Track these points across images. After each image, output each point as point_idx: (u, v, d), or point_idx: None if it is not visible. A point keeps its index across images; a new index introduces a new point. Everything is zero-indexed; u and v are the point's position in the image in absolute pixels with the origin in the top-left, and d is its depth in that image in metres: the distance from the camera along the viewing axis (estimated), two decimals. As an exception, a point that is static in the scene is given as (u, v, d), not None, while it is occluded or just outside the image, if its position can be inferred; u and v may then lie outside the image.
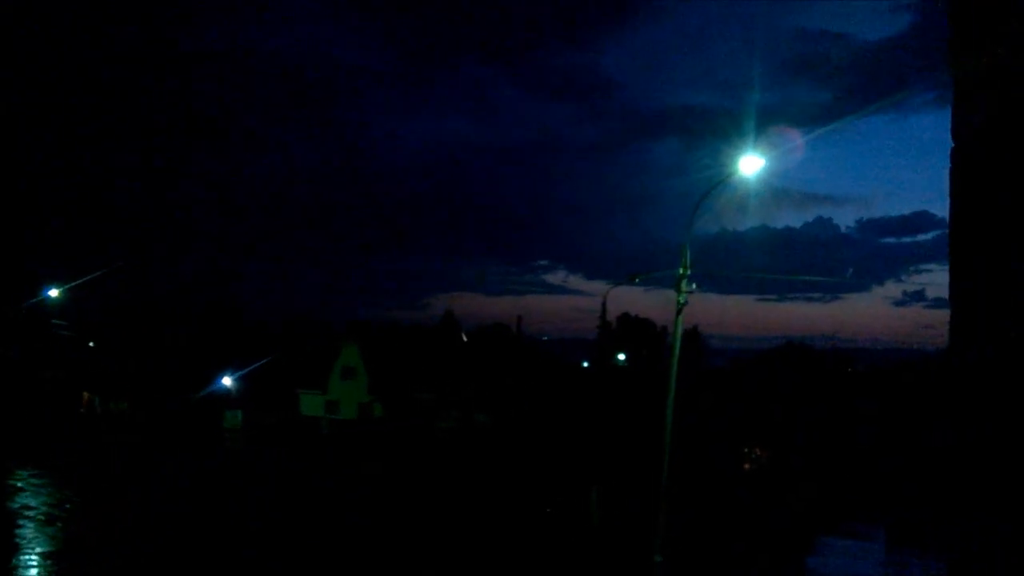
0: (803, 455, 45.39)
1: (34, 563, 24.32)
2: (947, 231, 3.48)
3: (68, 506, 32.73)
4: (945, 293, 3.55)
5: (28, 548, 25.84)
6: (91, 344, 73.04)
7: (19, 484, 36.35)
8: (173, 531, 28.46)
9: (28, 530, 28.13)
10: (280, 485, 38.98)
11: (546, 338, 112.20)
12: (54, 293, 42.74)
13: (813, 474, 41.95)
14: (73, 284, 43.97)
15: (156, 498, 34.57)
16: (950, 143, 3.49)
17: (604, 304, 58.37)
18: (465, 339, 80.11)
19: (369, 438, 55.38)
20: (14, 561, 24.41)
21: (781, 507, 35.19)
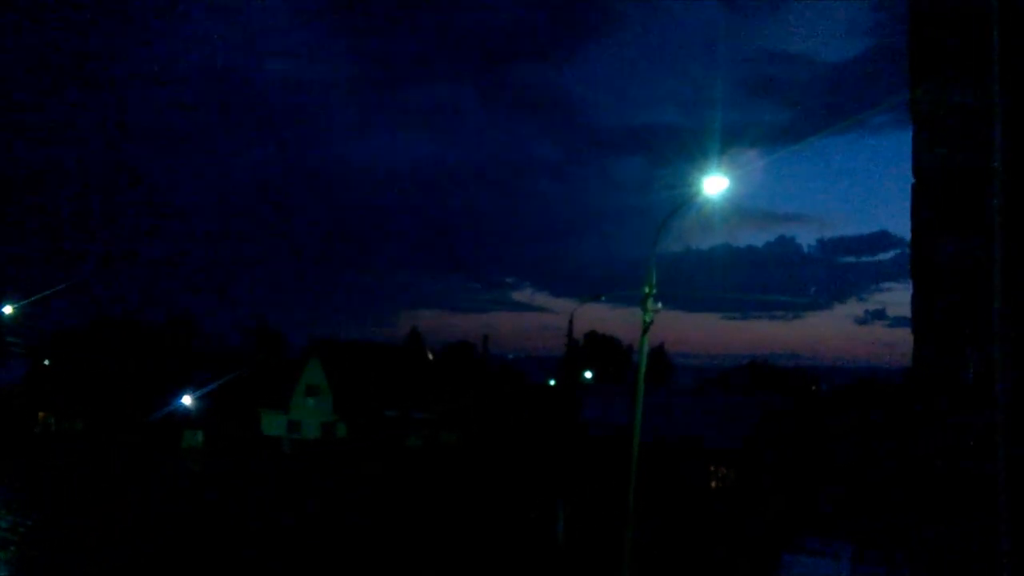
0: (771, 472, 45.66)
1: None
2: (906, 250, 3.53)
3: (22, 529, 31.87)
4: (906, 312, 3.60)
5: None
6: (46, 362, 71.43)
7: (-30, 507, 35.32)
8: (132, 550, 27.88)
9: (-22, 555, 27.31)
10: (237, 510, 38.29)
11: (512, 356, 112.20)
12: (8, 310, 41.80)
13: (781, 490, 42.24)
14: (27, 301, 43.08)
15: (112, 518, 33.79)
16: (908, 163, 3.53)
17: (571, 322, 58.76)
18: (431, 357, 79.78)
19: (332, 458, 54.71)
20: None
21: (750, 519, 35.45)
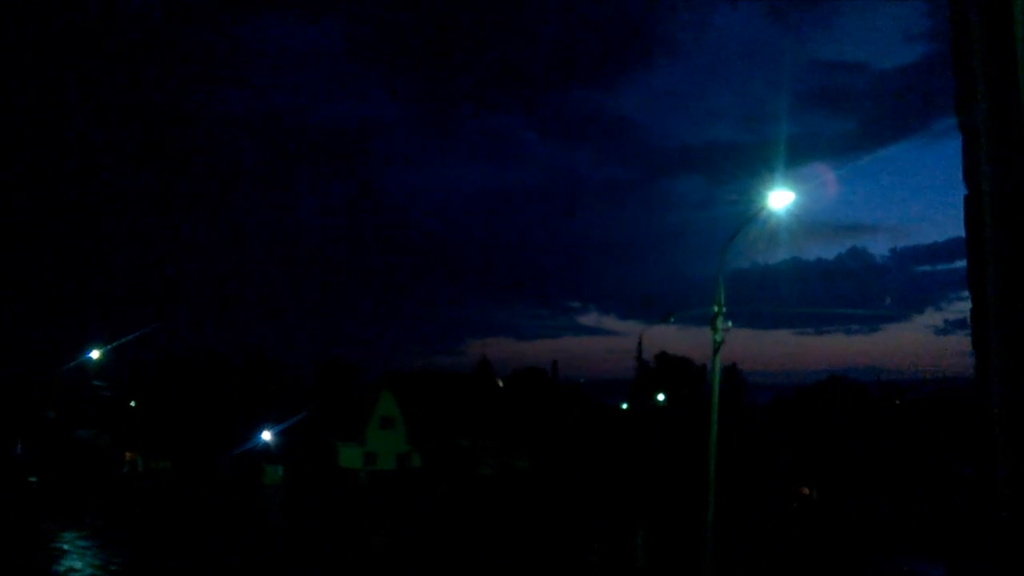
0: (855, 490, 44.24)
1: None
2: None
3: (113, 567, 32.81)
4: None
5: (74, 611, 25.89)
6: (132, 404, 73.91)
7: (64, 547, 36.56)
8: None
9: (74, 593, 28.21)
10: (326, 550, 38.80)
11: (583, 380, 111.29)
12: (95, 355, 43.48)
13: (866, 508, 40.89)
14: (112, 345, 44.80)
15: (202, 557, 34.55)
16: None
17: (640, 344, 58.08)
18: (501, 384, 79.80)
19: (408, 489, 55.12)
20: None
21: (830, 536, 34.48)
